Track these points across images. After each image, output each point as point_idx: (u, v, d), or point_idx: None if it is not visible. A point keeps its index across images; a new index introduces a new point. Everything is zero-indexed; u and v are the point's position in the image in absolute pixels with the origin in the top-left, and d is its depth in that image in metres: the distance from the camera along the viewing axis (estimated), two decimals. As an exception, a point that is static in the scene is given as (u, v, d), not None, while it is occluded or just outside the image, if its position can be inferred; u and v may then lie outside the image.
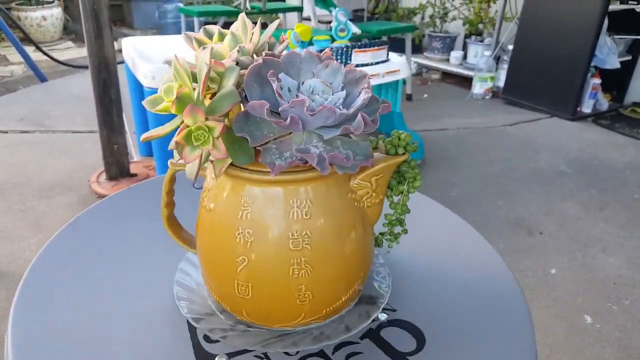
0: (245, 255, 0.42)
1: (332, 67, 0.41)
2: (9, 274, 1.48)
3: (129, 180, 1.93)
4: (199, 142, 0.37)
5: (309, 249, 0.42)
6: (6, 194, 1.89)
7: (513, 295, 0.55)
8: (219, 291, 0.48)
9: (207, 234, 0.46)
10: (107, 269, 0.57)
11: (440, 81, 3.69)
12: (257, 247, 0.42)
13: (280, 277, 0.43)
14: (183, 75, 0.38)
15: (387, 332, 0.49)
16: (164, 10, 4.75)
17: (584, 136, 2.70)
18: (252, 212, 0.42)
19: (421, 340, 0.48)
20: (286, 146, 0.40)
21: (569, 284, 1.53)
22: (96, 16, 1.66)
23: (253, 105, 0.37)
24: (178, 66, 0.38)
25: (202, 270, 0.49)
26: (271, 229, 0.42)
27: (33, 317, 0.49)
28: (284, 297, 0.44)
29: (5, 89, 3.19)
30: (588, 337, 1.34)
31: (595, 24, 2.64)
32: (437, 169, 2.25)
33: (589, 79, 2.87)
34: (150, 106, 0.39)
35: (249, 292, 0.44)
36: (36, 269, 0.56)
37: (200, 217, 0.47)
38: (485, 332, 0.50)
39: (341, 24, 2.27)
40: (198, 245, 0.49)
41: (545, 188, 2.11)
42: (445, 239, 0.66)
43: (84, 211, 0.67)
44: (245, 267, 0.43)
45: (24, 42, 3.63)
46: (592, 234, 1.79)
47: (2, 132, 2.48)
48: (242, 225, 0.42)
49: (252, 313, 0.46)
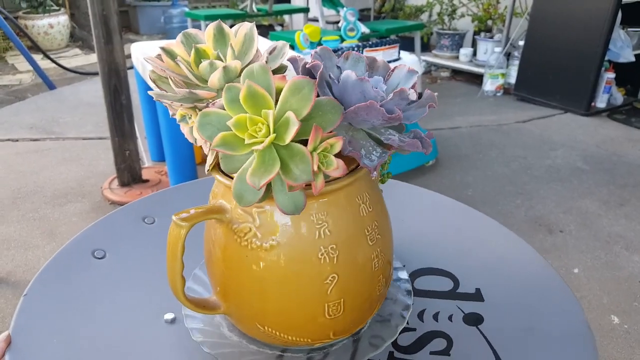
0: (335, 272, 0.40)
1: (353, 58, 0.40)
2: (25, 282, 1.46)
3: (141, 186, 1.91)
4: (325, 165, 0.34)
5: (380, 238, 0.42)
6: (19, 203, 1.88)
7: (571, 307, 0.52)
8: (292, 329, 0.42)
9: (274, 276, 0.40)
10: (116, 285, 0.55)
11: (450, 79, 3.65)
12: (344, 257, 0.40)
13: (368, 279, 0.42)
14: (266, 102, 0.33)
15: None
16: (169, 16, 4.76)
17: (599, 131, 2.65)
18: (329, 226, 0.39)
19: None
20: (357, 145, 0.38)
21: (593, 284, 1.49)
22: (106, 22, 1.65)
23: (362, 109, 0.34)
24: (257, 91, 0.33)
25: (258, 323, 0.43)
26: (351, 234, 0.40)
27: (36, 327, 0.47)
28: (371, 298, 0.43)
29: (14, 97, 3.20)
30: (616, 338, 1.30)
31: (609, 17, 2.60)
32: (451, 168, 2.22)
33: (603, 73, 2.82)
34: (227, 149, 0.34)
35: (341, 309, 0.41)
36: (42, 279, 0.54)
37: (248, 265, 0.40)
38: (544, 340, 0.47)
39: (350, 23, 2.24)
40: (247, 302, 0.42)
41: (563, 185, 2.07)
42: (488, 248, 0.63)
43: (93, 223, 0.65)
44: (336, 285, 0.40)
45: (32, 50, 3.64)
46: (614, 231, 1.75)
47: (12, 140, 2.48)
48: (322, 244, 0.39)
49: (340, 330, 0.43)
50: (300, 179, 0.32)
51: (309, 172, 0.32)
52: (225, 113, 0.34)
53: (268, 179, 0.32)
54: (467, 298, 0.53)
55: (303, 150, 0.33)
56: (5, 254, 1.58)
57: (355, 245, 0.40)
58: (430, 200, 0.73)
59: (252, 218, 0.39)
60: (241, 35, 0.40)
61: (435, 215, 0.69)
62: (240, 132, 0.33)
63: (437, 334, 0.49)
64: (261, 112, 0.33)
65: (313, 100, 0.32)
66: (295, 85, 0.33)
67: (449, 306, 0.52)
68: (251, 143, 0.32)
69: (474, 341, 0.48)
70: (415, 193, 0.74)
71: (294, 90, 0.33)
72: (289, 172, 0.33)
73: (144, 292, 0.53)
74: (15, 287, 1.45)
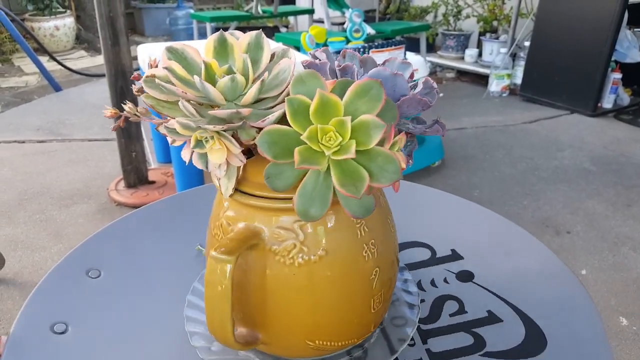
0: (377, 266, 0.40)
1: (349, 55, 0.40)
2: (32, 283, 1.47)
3: (148, 187, 1.91)
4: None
5: (394, 224, 0.44)
6: (25, 204, 1.88)
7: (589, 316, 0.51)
8: (343, 335, 0.42)
9: (326, 287, 0.38)
10: (123, 291, 0.55)
11: (455, 80, 3.65)
12: (381, 250, 0.40)
13: (395, 265, 0.44)
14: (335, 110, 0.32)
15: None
16: (174, 17, 4.77)
17: (606, 132, 2.64)
18: (366, 223, 0.39)
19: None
20: None
21: (601, 285, 1.48)
22: (112, 23, 1.65)
23: (405, 102, 0.35)
24: (330, 100, 0.32)
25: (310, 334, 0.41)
26: (381, 226, 0.41)
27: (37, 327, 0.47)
28: (394, 281, 0.45)
29: (20, 99, 3.21)
30: (625, 340, 1.29)
31: (615, 17, 2.58)
32: (458, 169, 2.21)
33: (610, 74, 2.80)
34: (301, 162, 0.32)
35: (382, 300, 0.42)
36: (51, 280, 0.54)
37: (297, 283, 0.38)
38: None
39: (356, 24, 2.24)
40: (297, 322, 0.40)
41: (570, 186, 2.06)
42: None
43: (105, 226, 0.65)
44: (378, 277, 0.41)
45: (38, 52, 3.66)
46: (622, 232, 1.74)
47: (19, 142, 2.49)
48: (365, 242, 0.39)
49: (379, 321, 0.45)
50: (391, 180, 0.32)
51: (398, 171, 0.32)
52: (286, 128, 0.32)
53: (364, 185, 0.31)
54: (448, 260, 0.59)
55: (385, 151, 0.32)
56: (12, 255, 1.58)
57: (385, 235, 0.41)
58: (425, 194, 0.73)
59: (295, 234, 0.37)
60: (244, 44, 0.37)
61: (428, 208, 0.69)
62: (314, 144, 0.32)
63: (445, 298, 0.53)
64: (331, 121, 0.32)
65: (383, 100, 0.32)
66: (362, 88, 0.32)
67: (438, 271, 0.57)
68: (334, 153, 0.32)
69: (478, 294, 0.53)
70: (417, 190, 0.74)
71: (360, 93, 0.32)
72: (375, 175, 0.32)
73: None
74: (22, 288, 1.45)
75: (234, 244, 0.35)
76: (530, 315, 0.50)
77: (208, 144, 0.35)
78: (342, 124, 0.31)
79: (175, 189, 1.82)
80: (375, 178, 0.32)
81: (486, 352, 0.46)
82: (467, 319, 0.50)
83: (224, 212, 0.40)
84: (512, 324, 0.49)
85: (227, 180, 0.37)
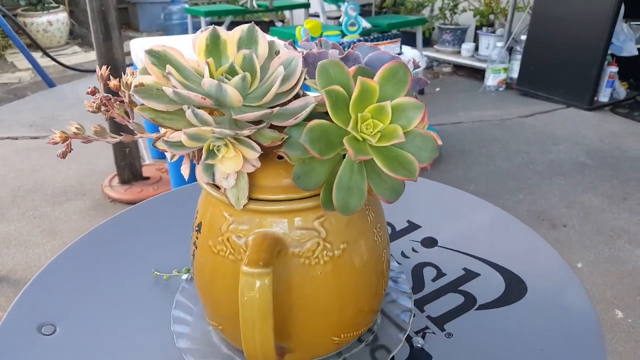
0: (385, 248, 0.42)
1: (324, 43, 0.40)
2: (25, 280, 1.45)
3: (142, 183, 1.90)
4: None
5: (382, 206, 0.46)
6: (19, 201, 1.87)
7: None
8: (362, 323, 0.42)
9: (350, 278, 0.38)
10: (115, 285, 0.54)
11: (452, 74, 3.64)
12: (384, 232, 0.42)
13: (389, 243, 0.45)
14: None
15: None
16: (169, 12, 4.73)
17: (602, 126, 2.64)
18: (372, 208, 0.40)
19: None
20: None
21: (597, 278, 1.48)
22: (104, 17, 1.63)
23: (413, 82, 0.35)
24: (369, 86, 0.32)
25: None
26: (381, 210, 0.42)
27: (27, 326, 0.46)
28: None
29: (13, 95, 3.19)
30: (620, 332, 1.29)
31: (612, 11, 2.57)
32: (454, 163, 2.21)
33: (606, 67, 2.80)
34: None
35: (387, 280, 0.43)
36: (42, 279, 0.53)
37: (323, 282, 0.36)
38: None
39: (351, 18, 2.23)
40: (325, 321, 0.38)
41: (566, 180, 2.05)
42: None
43: (98, 225, 0.64)
44: (385, 258, 0.42)
45: (31, 48, 3.63)
46: (617, 225, 1.74)
47: (12, 138, 2.47)
48: (374, 227, 0.40)
49: (382, 300, 0.45)
50: (429, 158, 0.32)
51: (436, 149, 0.32)
52: (327, 122, 0.31)
53: (417, 167, 0.31)
54: (409, 231, 0.62)
55: (421, 131, 0.32)
56: (6, 252, 1.57)
57: (382, 217, 0.42)
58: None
59: (317, 232, 0.35)
60: (235, 38, 0.34)
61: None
62: (357, 134, 0.31)
63: (421, 266, 0.56)
64: (367, 108, 0.31)
65: (410, 81, 0.32)
66: (390, 71, 0.32)
67: (404, 242, 0.60)
68: (379, 140, 0.31)
69: (448, 256, 0.57)
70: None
71: (388, 77, 0.32)
72: (415, 155, 0.32)
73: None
74: (15, 285, 1.44)
75: (265, 255, 0.32)
76: (502, 265, 0.55)
77: (221, 152, 0.32)
78: (382, 109, 0.31)
79: (169, 184, 1.81)
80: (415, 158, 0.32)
81: (480, 306, 0.49)
82: (449, 279, 0.53)
83: (228, 226, 0.36)
84: (489, 274, 0.53)
85: (237, 190, 0.34)
